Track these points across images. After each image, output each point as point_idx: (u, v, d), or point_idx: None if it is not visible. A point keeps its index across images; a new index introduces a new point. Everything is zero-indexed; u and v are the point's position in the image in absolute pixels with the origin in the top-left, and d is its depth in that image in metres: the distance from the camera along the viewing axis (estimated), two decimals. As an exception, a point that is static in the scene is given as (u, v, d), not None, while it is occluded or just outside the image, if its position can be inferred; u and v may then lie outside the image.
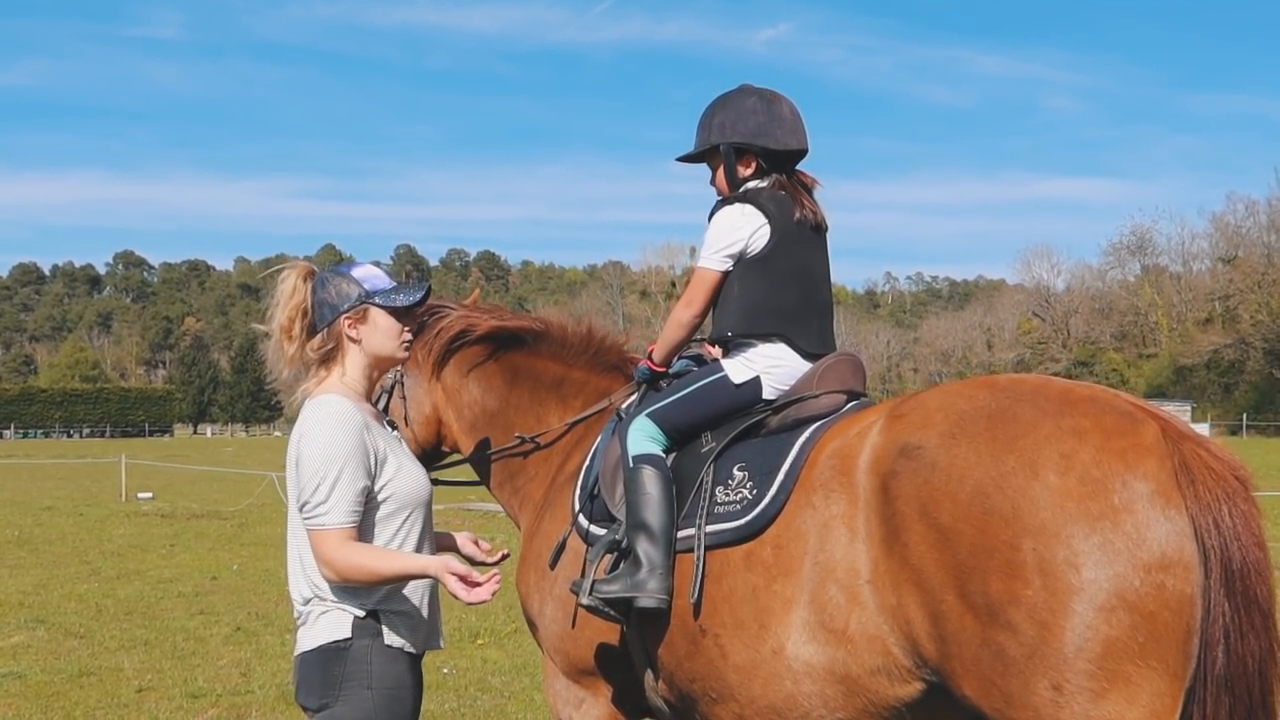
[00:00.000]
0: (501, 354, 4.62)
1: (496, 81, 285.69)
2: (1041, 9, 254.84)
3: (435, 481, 4.64)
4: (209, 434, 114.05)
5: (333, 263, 3.67)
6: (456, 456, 4.87)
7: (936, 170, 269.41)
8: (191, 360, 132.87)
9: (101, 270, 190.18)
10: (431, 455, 4.73)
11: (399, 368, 4.58)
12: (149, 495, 27.27)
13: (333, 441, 3.35)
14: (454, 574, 3.28)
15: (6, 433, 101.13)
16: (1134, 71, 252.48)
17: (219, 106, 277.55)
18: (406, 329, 3.62)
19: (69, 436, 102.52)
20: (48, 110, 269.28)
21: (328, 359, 3.57)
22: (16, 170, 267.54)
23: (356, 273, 3.59)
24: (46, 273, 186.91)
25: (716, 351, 4.11)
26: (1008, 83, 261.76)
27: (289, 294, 3.54)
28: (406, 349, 3.65)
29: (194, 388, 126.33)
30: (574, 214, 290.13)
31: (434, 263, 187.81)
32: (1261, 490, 3.20)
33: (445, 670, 9.02)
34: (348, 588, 3.38)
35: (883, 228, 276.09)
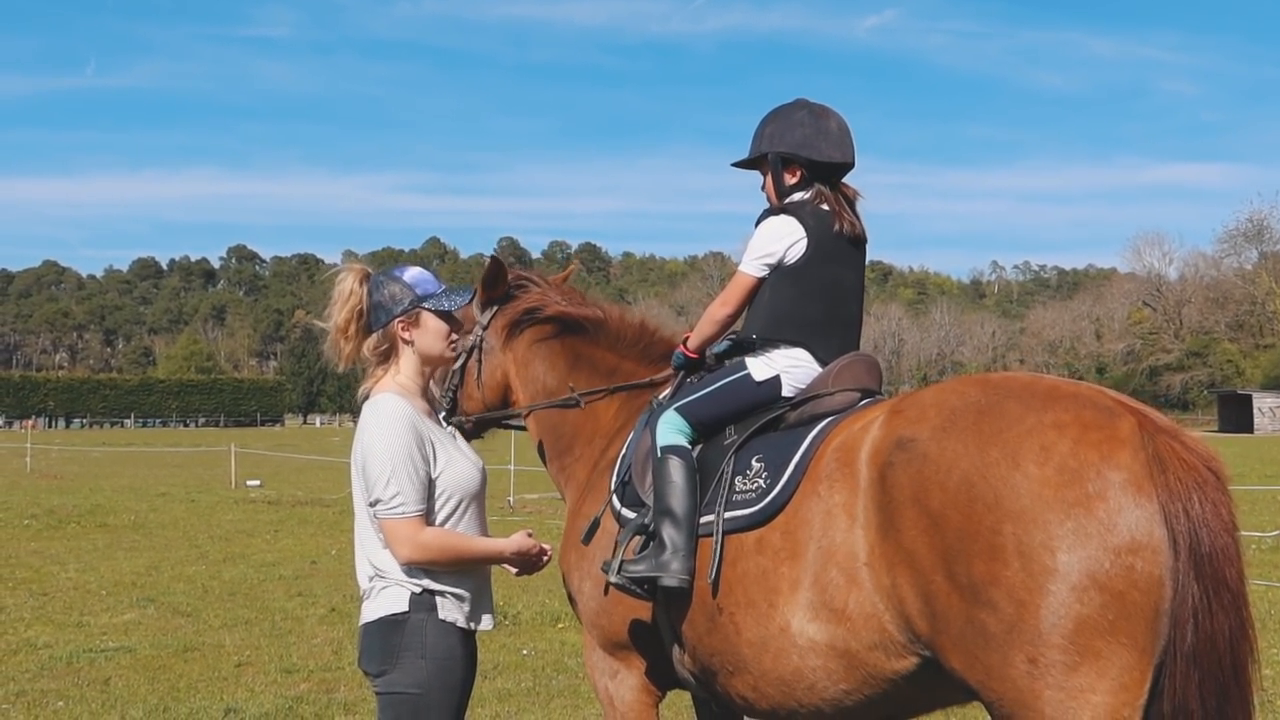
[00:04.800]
0: (567, 337, 4.92)
1: (599, 74, 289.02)
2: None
3: (508, 425, 5.19)
4: (318, 424, 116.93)
5: (387, 265, 3.97)
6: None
7: (1046, 157, 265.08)
8: (301, 352, 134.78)
9: (216, 264, 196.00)
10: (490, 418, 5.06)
11: (481, 331, 4.94)
12: (257, 483, 28.34)
13: (393, 436, 3.67)
14: (523, 550, 3.85)
15: (127, 422, 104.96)
16: (1253, 51, 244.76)
17: (328, 103, 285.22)
18: (454, 331, 3.93)
19: (185, 426, 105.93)
20: (166, 110, 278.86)
21: (384, 358, 3.90)
22: (137, 168, 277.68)
23: (408, 276, 3.87)
24: (164, 267, 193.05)
25: None
26: (1121, 66, 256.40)
27: (345, 295, 3.85)
28: (454, 350, 3.97)
29: (303, 379, 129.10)
30: (675, 205, 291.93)
31: (536, 254, 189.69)
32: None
33: (525, 651, 9.41)
34: (406, 568, 3.70)
35: (990, 216, 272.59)
